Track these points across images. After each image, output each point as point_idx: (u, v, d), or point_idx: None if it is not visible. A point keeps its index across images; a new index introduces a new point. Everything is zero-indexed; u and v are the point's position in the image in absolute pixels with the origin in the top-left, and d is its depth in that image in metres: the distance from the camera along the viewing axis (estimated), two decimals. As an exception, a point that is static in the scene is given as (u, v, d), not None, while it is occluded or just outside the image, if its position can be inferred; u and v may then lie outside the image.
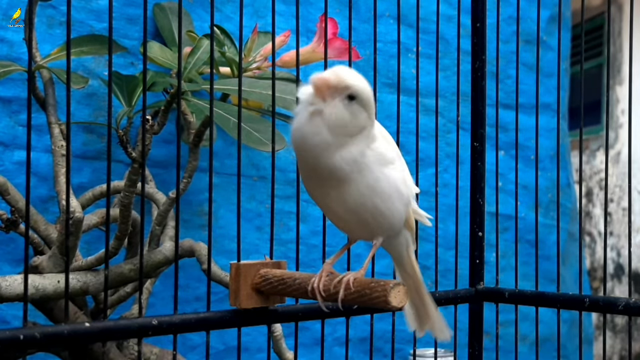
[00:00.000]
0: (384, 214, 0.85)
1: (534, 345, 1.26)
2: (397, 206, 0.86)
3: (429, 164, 1.52)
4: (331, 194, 0.84)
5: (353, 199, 0.83)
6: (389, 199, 0.85)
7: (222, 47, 1.28)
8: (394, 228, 0.88)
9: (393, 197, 0.85)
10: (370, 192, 0.83)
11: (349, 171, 0.82)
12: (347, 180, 0.82)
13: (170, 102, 1.16)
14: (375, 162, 0.83)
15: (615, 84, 4.24)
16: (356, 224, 0.87)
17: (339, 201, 0.84)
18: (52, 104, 1.24)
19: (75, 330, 0.82)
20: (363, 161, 0.82)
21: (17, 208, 1.20)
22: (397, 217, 0.87)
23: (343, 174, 0.82)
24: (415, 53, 1.28)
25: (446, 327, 1.00)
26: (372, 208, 0.84)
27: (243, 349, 0.98)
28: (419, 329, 1.00)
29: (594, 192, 4.50)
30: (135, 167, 1.14)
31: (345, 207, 0.84)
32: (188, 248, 1.26)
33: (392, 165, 0.85)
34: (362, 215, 0.85)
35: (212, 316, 0.92)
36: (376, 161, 0.83)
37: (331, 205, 0.85)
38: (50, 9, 1.42)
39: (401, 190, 0.86)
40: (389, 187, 0.84)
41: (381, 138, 0.86)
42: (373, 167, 0.83)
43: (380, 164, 0.84)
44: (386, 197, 0.84)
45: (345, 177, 0.82)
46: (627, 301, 1.10)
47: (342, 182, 0.82)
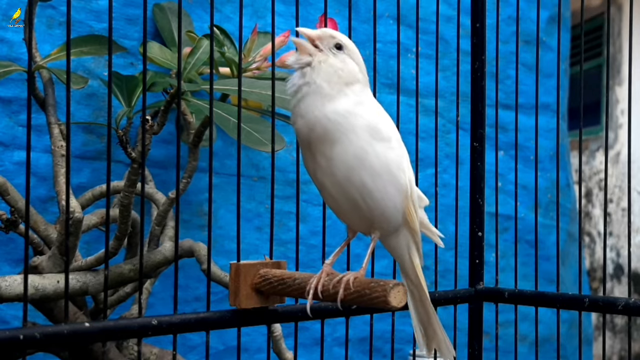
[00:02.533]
0: (372, 195, 0.83)
1: (533, 346, 1.26)
2: (389, 190, 0.83)
3: (429, 164, 1.52)
4: (322, 166, 0.83)
5: (340, 171, 0.82)
6: (379, 178, 0.82)
7: (221, 47, 1.28)
8: (387, 217, 0.85)
9: (383, 177, 0.82)
10: (357, 163, 0.81)
11: (335, 125, 0.81)
12: (333, 140, 0.81)
13: (169, 102, 1.16)
14: (363, 129, 0.81)
15: (615, 84, 4.24)
16: (347, 204, 0.85)
17: (327, 174, 0.83)
18: (52, 104, 1.24)
19: (75, 330, 0.82)
20: (351, 121, 0.81)
21: (16, 208, 1.20)
22: (390, 204, 0.84)
23: (330, 128, 0.81)
24: (415, 53, 1.28)
25: (451, 345, 0.99)
26: (359, 184, 0.82)
27: (243, 349, 0.98)
28: (427, 348, 0.98)
29: (593, 193, 4.50)
30: (135, 167, 1.14)
31: (333, 180, 0.83)
32: (188, 248, 1.26)
33: (386, 143, 0.83)
34: (350, 192, 0.83)
35: (211, 316, 0.92)
36: (365, 129, 0.81)
37: (323, 181, 0.84)
38: (50, 9, 1.42)
39: (394, 173, 0.83)
40: (379, 163, 0.82)
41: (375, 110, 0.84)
42: (361, 134, 0.81)
43: (371, 136, 0.82)
44: (375, 174, 0.82)
45: (332, 133, 0.81)
46: (627, 301, 1.10)
47: (329, 143, 0.81)
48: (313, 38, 0.83)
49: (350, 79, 0.83)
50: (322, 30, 0.84)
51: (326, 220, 1.06)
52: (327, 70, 0.82)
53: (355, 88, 0.83)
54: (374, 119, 0.83)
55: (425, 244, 1.21)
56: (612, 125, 4.26)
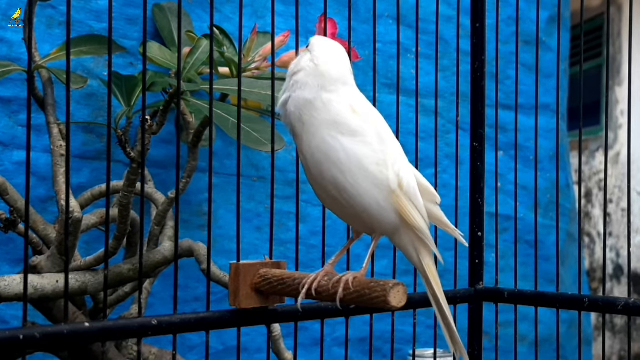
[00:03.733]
0: (347, 191, 0.82)
1: (533, 346, 1.26)
2: (364, 185, 0.82)
3: (429, 164, 1.52)
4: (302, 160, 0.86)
5: (312, 166, 0.84)
6: (349, 173, 0.82)
7: (221, 47, 1.28)
8: (373, 214, 0.84)
9: (354, 171, 0.82)
10: (323, 157, 0.82)
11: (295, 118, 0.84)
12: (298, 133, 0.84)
13: (169, 102, 1.16)
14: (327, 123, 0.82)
15: (615, 84, 4.24)
16: (329, 201, 0.86)
17: (305, 168, 0.86)
18: (51, 104, 1.24)
19: (75, 330, 0.82)
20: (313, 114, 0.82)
21: (16, 208, 1.20)
22: (371, 200, 0.83)
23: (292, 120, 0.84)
24: (414, 53, 1.28)
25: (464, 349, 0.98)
26: (331, 179, 0.82)
27: (242, 349, 0.98)
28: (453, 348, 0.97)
29: (593, 193, 4.50)
30: (135, 167, 1.14)
31: (310, 176, 0.85)
32: (187, 248, 1.26)
33: (357, 138, 0.82)
34: (327, 188, 0.84)
35: (211, 316, 0.92)
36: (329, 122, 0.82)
37: (307, 177, 0.87)
38: (49, 9, 1.42)
39: (367, 168, 0.82)
40: (347, 158, 0.82)
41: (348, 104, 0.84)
42: (323, 127, 0.82)
43: (337, 130, 0.82)
44: (345, 169, 0.82)
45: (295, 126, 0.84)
46: (627, 301, 1.10)
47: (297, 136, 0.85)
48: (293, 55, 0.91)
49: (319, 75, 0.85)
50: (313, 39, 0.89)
51: (326, 220, 1.06)
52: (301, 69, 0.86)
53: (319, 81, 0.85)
54: (342, 113, 0.83)
55: (425, 244, 1.21)
56: (611, 125, 4.26)
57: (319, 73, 0.85)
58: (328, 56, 0.87)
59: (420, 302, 1.18)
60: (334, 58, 0.87)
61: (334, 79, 0.85)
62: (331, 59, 0.86)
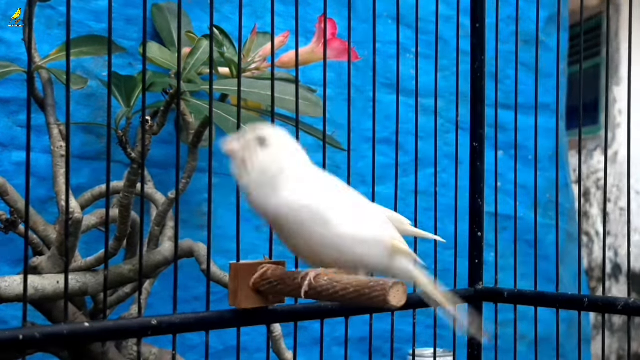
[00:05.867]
0: (352, 260, 0.86)
1: (532, 345, 1.26)
2: (364, 251, 0.86)
3: (428, 164, 1.52)
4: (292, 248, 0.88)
5: (311, 255, 0.86)
6: (350, 249, 0.85)
7: (221, 47, 1.28)
8: (370, 267, 0.88)
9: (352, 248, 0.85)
10: (322, 249, 0.85)
11: (282, 223, 0.84)
12: (288, 235, 0.85)
13: (169, 102, 1.16)
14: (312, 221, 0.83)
15: (613, 84, 4.24)
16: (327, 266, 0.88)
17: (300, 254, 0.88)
18: (51, 105, 1.24)
19: (74, 330, 0.82)
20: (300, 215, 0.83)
21: (16, 209, 1.20)
22: (367, 261, 0.87)
23: (279, 225, 0.85)
24: (414, 53, 1.29)
25: None
26: (333, 259, 0.86)
27: (242, 349, 0.98)
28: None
29: (591, 192, 4.50)
30: (135, 168, 1.14)
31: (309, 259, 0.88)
32: (187, 248, 1.26)
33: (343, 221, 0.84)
34: (329, 264, 0.87)
35: (211, 316, 0.92)
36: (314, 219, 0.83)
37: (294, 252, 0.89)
38: (49, 10, 1.42)
39: (362, 239, 0.85)
40: (342, 241, 0.84)
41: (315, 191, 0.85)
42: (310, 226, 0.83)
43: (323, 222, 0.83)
44: (344, 249, 0.85)
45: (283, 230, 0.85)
46: (627, 301, 1.11)
47: (286, 236, 0.86)
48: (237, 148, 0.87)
49: (280, 167, 0.85)
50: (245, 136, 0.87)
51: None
52: (254, 167, 0.85)
53: (290, 173, 0.85)
54: (320, 205, 0.84)
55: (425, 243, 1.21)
56: (609, 124, 4.27)
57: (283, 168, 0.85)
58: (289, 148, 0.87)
59: (420, 302, 1.18)
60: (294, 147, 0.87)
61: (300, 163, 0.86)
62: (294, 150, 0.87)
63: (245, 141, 0.86)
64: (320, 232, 0.84)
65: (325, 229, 0.84)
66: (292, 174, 0.85)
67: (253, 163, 0.85)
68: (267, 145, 0.85)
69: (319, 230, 0.84)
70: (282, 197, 0.84)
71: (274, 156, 0.85)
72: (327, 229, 0.84)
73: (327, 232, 0.84)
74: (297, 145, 0.88)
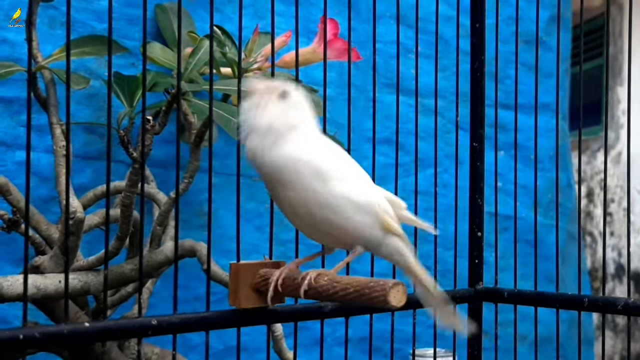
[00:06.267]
0: (341, 226, 0.86)
1: (533, 345, 1.26)
2: (356, 217, 0.86)
3: (429, 164, 1.52)
4: (284, 205, 0.87)
5: (302, 212, 0.86)
6: (342, 212, 0.85)
7: (223, 47, 1.28)
8: (364, 238, 0.88)
9: (344, 210, 0.85)
10: (315, 206, 0.85)
11: (280, 173, 0.84)
12: (284, 186, 0.85)
13: (171, 102, 1.17)
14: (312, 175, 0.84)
15: (616, 84, 4.24)
16: (318, 235, 0.89)
17: (291, 213, 0.87)
18: (54, 105, 1.25)
19: (75, 330, 0.82)
20: (297, 168, 0.84)
21: (18, 208, 1.21)
22: (361, 228, 0.87)
23: (276, 176, 0.84)
24: (414, 53, 1.29)
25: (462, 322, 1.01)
26: (324, 220, 0.86)
27: (242, 349, 0.98)
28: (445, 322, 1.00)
29: (594, 193, 4.50)
30: (137, 168, 1.15)
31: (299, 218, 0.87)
32: (189, 248, 1.27)
33: (339, 182, 0.85)
34: (318, 226, 0.87)
35: (211, 316, 0.92)
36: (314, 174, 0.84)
37: (289, 215, 0.88)
38: (51, 10, 1.42)
39: (358, 203, 0.86)
40: (336, 201, 0.85)
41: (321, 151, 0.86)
42: (309, 180, 0.84)
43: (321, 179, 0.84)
44: (337, 210, 0.85)
45: (280, 180, 0.84)
46: (627, 301, 1.11)
47: (282, 188, 0.85)
48: (260, 88, 0.86)
49: (291, 123, 0.85)
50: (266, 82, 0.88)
51: (326, 220, 1.06)
52: (267, 115, 0.85)
53: (299, 131, 0.86)
54: (321, 162, 0.85)
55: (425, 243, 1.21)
56: (613, 125, 4.26)
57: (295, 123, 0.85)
58: (308, 107, 0.88)
59: (420, 302, 1.18)
60: (310, 106, 0.88)
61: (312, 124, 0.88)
62: (310, 109, 0.88)
63: (268, 87, 0.86)
64: (316, 189, 0.84)
65: (323, 187, 0.84)
66: (302, 132, 0.86)
67: (268, 111, 0.85)
68: (287, 100, 0.86)
69: (316, 187, 0.84)
70: (285, 150, 0.84)
71: (290, 112, 0.86)
72: (324, 187, 0.84)
73: (323, 190, 0.84)
74: (313, 112, 0.89)
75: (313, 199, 0.85)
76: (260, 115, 0.85)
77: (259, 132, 0.85)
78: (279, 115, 0.85)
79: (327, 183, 0.85)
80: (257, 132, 0.85)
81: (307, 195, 0.84)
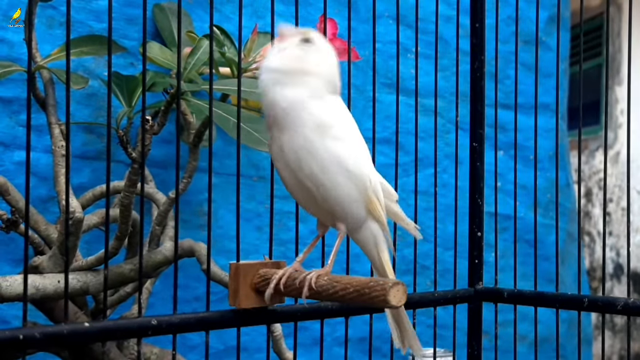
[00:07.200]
0: (324, 185, 0.85)
1: (533, 345, 1.26)
2: (341, 181, 0.85)
3: (428, 164, 1.52)
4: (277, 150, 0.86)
5: (291, 159, 0.84)
6: (328, 170, 0.84)
7: (222, 47, 1.28)
8: (347, 211, 0.87)
9: (333, 169, 0.85)
10: (305, 153, 0.83)
11: (284, 113, 0.83)
12: (283, 126, 0.84)
13: (170, 102, 1.17)
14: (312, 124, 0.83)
15: (615, 84, 4.24)
16: (302, 193, 0.88)
17: (281, 159, 0.86)
18: (52, 104, 1.24)
19: (74, 330, 0.82)
20: (300, 114, 0.83)
21: (17, 208, 1.21)
22: (345, 195, 0.86)
23: (279, 114, 0.83)
24: (414, 53, 1.29)
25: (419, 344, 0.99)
26: (309, 173, 0.84)
27: (242, 349, 0.98)
28: (401, 345, 0.99)
29: (593, 192, 4.50)
30: (136, 168, 1.15)
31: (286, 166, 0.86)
32: (188, 248, 1.27)
33: (338, 142, 0.85)
34: (303, 181, 0.85)
35: (211, 316, 0.92)
36: (314, 125, 0.83)
37: (279, 166, 0.87)
38: (50, 10, 1.42)
39: (346, 166, 0.85)
40: (328, 156, 0.84)
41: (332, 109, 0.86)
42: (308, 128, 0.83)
43: (321, 132, 0.83)
44: (324, 165, 0.84)
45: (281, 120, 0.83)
46: (626, 301, 1.11)
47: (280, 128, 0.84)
48: (289, 33, 0.87)
49: (308, 69, 0.85)
50: (302, 28, 0.88)
51: (326, 220, 1.06)
52: (286, 56, 0.85)
53: (314, 82, 0.85)
54: (327, 118, 0.85)
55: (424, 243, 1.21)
56: (612, 124, 4.26)
57: (313, 71, 0.85)
58: (330, 60, 0.88)
59: (420, 302, 1.18)
60: (334, 62, 0.88)
61: (331, 84, 0.87)
62: (333, 63, 0.88)
63: (296, 32, 0.87)
64: (313, 139, 0.83)
65: (319, 139, 0.83)
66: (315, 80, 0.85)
67: (287, 52, 0.85)
68: (309, 45, 0.86)
69: (313, 137, 0.83)
70: (293, 91, 0.83)
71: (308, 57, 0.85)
72: (320, 140, 0.83)
73: (319, 143, 0.83)
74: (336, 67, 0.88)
75: (307, 149, 0.83)
76: (279, 55, 0.85)
77: (272, 70, 0.85)
78: (296, 57, 0.85)
79: (324, 136, 0.84)
80: (271, 69, 0.85)
81: (301, 144, 0.83)
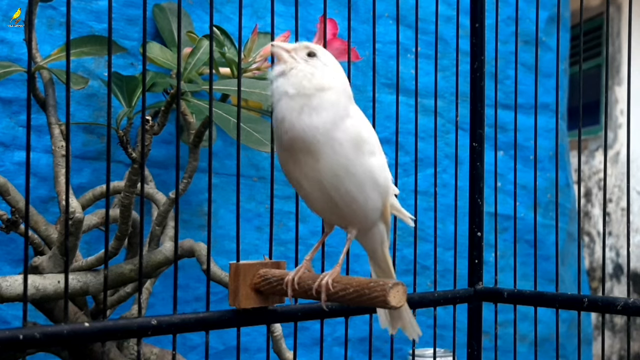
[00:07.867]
0: (357, 201, 0.85)
1: (532, 345, 1.26)
2: (372, 195, 0.85)
3: (428, 164, 1.53)
4: (307, 174, 0.84)
5: (327, 181, 0.83)
6: (364, 186, 0.84)
7: (222, 47, 1.28)
8: (368, 218, 0.88)
9: (368, 184, 0.84)
10: (343, 174, 0.83)
11: (316, 142, 0.81)
12: (317, 154, 0.82)
13: (170, 102, 1.17)
14: (349, 142, 0.82)
15: (614, 84, 4.24)
16: (328, 206, 0.86)
17: (313, 181, 0.84)
18: (52, 105, 1.24)
19: (74, 330, 0.82)
20: (335, 135, 0.81)
21: (17, 208, 1.21)
22: (371, 207, 0.86)
23: (311, 143, 0.81)
24: (414, 53, 1.29)
25: (417, 326, 1.00)
26: (344, 192, 0.84)
27: (243, 349, 0.98)
28: (391, 327, 0.99)
29: (593, 192, 4.50)
30: (136, 168, 1.15)
31: (318, 187, 0.84)
32: (188, 248, 1.27)
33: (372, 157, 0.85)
34: (334, 198, 0.84)
35: (211, 316, 0.92)
36: (351, 141, 0.82)
37: (305, 186, 0.85)
38: (50, 10, 1.42)
39: (378, 180, 0.85)
40: (364, 173, 0.84)
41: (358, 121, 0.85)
42: (346, 146, 0.82)
43: (356, 148, 0.83)
44: (360, 183, 0.84)
45: (314, 148, 0.81)
46: (626, 301, 1.11)
47: (313, 156, 0.82)
48: (288, 50, 0.85)
49: (322, 85, 0.83)
50: (297, 43, 0.86)
51: (326, 220, 1.06)
52: (297, 76, 0.83)
53: (335, 97, 0.83)
54: (362, 133, 0.84)
55: (424, 243, 1.21)
56: (611, 124, 4.26)
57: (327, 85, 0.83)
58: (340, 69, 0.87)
59: (420, 302, 1.18)
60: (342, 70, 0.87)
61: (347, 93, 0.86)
62: (343, 72, 0.87)
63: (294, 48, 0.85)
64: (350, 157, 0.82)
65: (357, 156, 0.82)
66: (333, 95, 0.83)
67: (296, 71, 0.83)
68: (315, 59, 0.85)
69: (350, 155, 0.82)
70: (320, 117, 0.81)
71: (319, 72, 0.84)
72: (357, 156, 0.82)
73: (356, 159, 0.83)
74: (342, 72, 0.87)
75: (344, 167, 0.82)
76: (289, 76, 0.83)
77: (288, 95, 0.82)
78: (309, 76, 0.83)
79: (361, 153, 0.83)
80: (287, 95, 0.82)
81: (338, 163, 0.82)
